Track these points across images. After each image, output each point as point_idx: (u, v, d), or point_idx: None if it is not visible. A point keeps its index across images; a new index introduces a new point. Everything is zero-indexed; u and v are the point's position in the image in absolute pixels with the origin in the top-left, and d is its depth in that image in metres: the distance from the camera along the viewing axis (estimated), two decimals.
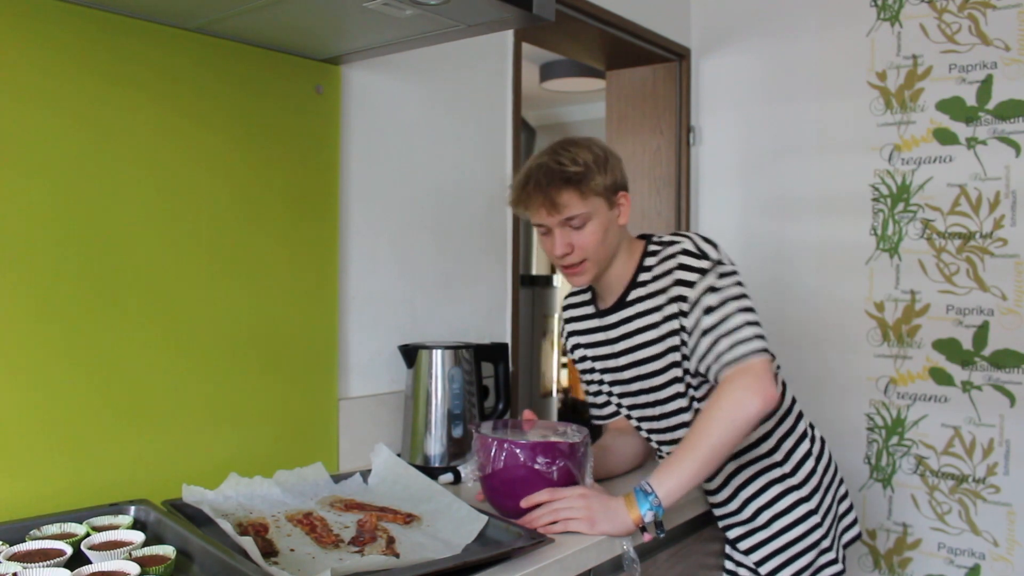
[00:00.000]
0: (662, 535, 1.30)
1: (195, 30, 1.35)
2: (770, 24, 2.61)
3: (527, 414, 1.45)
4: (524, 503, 1.27)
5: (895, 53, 2.38)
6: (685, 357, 1.42)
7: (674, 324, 1.42)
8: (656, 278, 1.44)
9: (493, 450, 1.29)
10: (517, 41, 2.10)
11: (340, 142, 1.62)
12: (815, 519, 1.50)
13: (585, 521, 1.24)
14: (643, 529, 1.28)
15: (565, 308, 1.66)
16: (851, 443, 2.45)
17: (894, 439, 2.39)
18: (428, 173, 1.86)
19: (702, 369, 1.39)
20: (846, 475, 2.45)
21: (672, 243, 1.45)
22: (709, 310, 1.36)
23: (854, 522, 1.63)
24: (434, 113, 1.87)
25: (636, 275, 1.47)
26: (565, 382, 3.60)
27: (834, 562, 1.51)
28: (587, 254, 1.42)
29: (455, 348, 1.65)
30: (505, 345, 1.77)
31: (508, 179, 2.08)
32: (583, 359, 1.62)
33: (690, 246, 1.42)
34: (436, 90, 1.88)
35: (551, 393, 3.00)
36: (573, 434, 1.35)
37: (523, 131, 2.45)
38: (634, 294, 1.47)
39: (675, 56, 2.70)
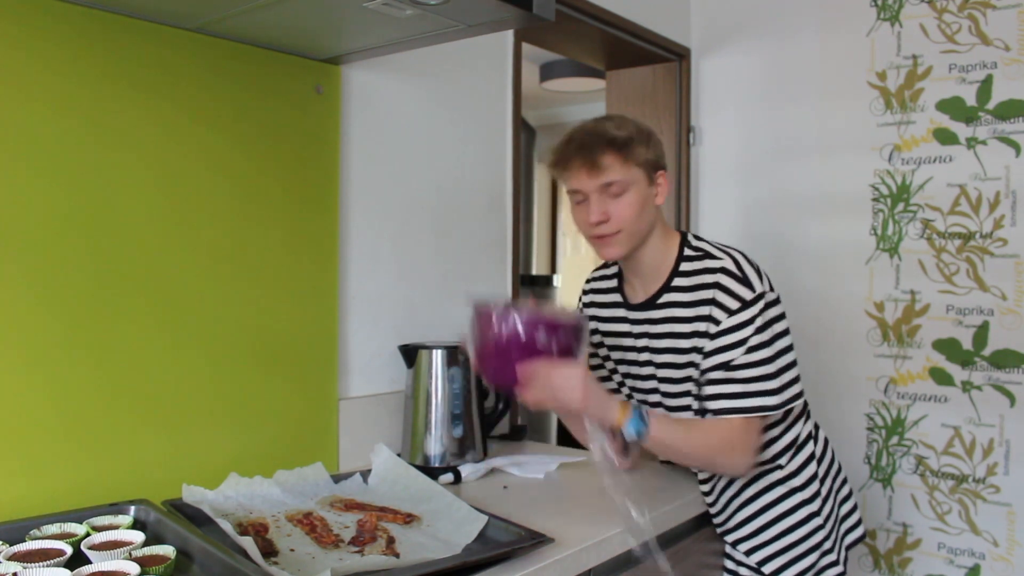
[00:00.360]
0: (626, 453, 1.37)
1: (195, 30, 1.35)
2: (770, 24, 2.61)
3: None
4: (520, 372, 1.26)
5: (895, 53, 2.38)
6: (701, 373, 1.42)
7: (697, 342, 1.40)
8: (691, 288, 1.42)
9: (494, 319, 1.28)
10: (517, 41, 2.10)
11: (340, 142, 1.62)
12: (817, 520, 1.49)
13: (578, 398, 1.25)
14: (615, 434, 1.31)
15: (588, 291, 1.63)
16: (851, 443, 2.45)
17: (894, 439, 2.39)
18: (428, 173, 1.86)
19: (705, 392, 1.40)
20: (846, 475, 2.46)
21: (712, 256, 1.42)
22: (749, 349, 1.35)
23: (858, 523, 1.61)
24: (434, 113, 1.87)
25: (671, 277, 1.44)
26: None
27: (835, 564, 1.51)
28: (623, 225, 1.39)
29: (455, 348, 1.65)
30: None
31: (508, 179, 2.09)
32: (599, 344, 1.61)
33: (732, 267, 1.39)
34: (436, 90, 1.88)
35: None
36: (572, 317, 1.35)
37: (523, 131, 2.45)
38: (667, 297, 1.45)
39: (675, 56, 2.70)
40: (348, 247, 1.67)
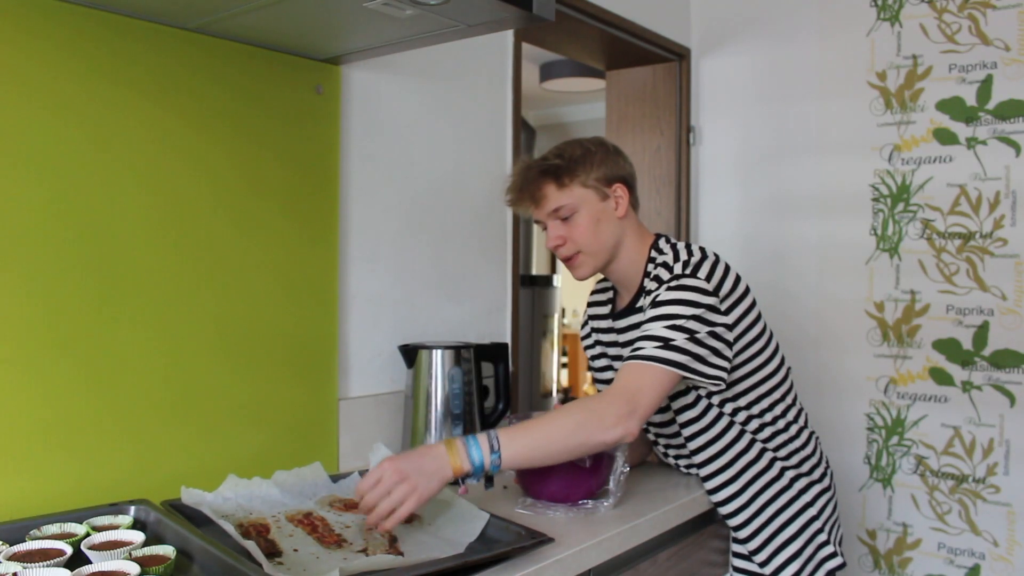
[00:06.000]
0: (490, 488, 1.24)
1: (195, 30, 1.35)
2: (770, 24, 2.61)
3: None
4: (361, 508, 1.14)
5: (895, 53, 2.38)
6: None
7: None
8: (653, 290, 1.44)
9: None
10: (517, 41, 2.10)
11: (340, 142, 1.62)
12: (811, 511, 1.52)
13: (414, 497, 1.12)
14: (463, 479, 1.18)
15: (590, 304, 1.68)
16: (851, 443, 2.45)
17: (894, 439, 2.39)
18: (428, 173, 1.86)
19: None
20: (846, 475, 2.46)
21: (662, 252, 1.45)
22: (658, 305, 1.35)
23: (838, 518, 1.64)
24: (434, 113, 1.87)
25: (643, 281, 1.47)
26: (565, 382, 3.60)
27: (835, 555, 1.53)
28: (580, 246, 1.43)
29: (455, 348, 1.65)
30: (505, 345, 1.77)
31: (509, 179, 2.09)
32: (602, 355, 1.64)
33: (670, 260, 1.42)
34: (436, 90, 1.87)
35: (551, 393, 3.00)
36: None
37: (523, 131, 2.45)
38: (641, 301, 1.47)
39: (675, 56, 2.70)
40: (348, 247, 1.67)
